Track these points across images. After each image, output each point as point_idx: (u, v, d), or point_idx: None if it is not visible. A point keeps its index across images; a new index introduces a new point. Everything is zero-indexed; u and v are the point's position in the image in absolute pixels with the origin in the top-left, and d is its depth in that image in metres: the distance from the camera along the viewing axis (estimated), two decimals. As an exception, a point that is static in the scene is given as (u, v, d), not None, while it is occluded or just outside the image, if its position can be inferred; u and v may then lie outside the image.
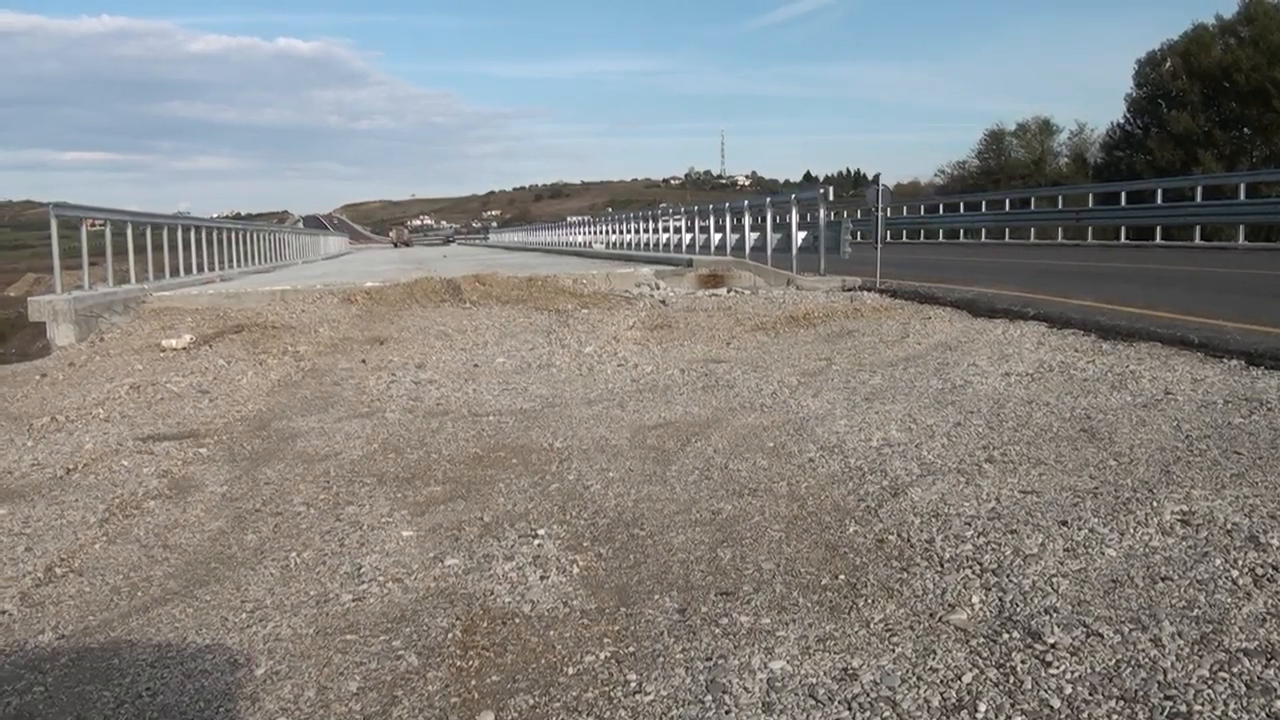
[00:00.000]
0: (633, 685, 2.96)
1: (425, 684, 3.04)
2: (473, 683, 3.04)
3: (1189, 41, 48.64)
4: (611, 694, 2.92)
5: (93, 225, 15.98)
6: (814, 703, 2.79)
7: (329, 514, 4.89)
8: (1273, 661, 2.86)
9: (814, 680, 2.91)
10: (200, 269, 21.03)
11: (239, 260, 26.39)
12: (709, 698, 2.85)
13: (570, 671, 3.08)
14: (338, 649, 3.33)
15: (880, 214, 15.35)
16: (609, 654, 3.18)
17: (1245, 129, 46.02)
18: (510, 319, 12.60)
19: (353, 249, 73.31)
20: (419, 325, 12.13)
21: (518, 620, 3.50)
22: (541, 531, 4.43)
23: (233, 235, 26.46)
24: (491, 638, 3.36)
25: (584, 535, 4.39)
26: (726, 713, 2.77)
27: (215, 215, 41.32)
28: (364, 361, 9.72)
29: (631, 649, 3.21)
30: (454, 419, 7.00)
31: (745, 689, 2.88)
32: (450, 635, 3.39)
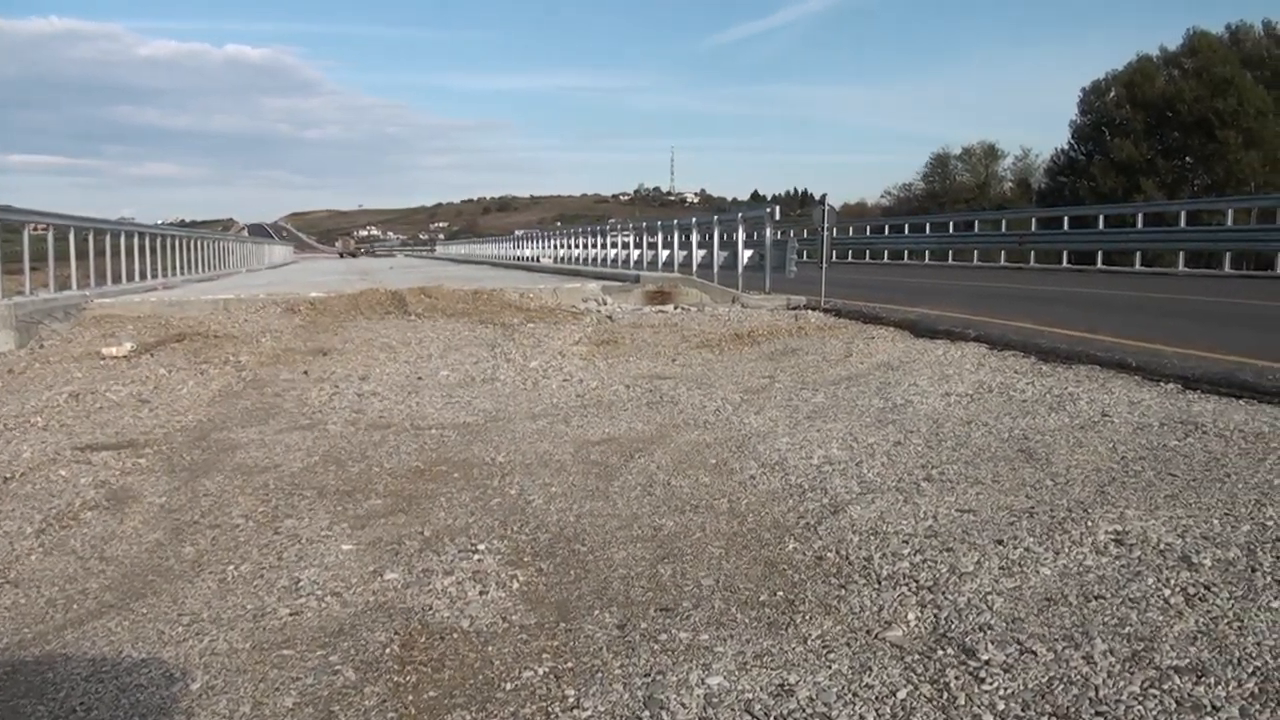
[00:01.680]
0: (570, 701, 2.96)
1: (362, 699, 3.03)
2: (410, 698, 3.03)
3: (1133, 72, 49.68)
4: (549, 710, 2.92)
5: (36, 229, 15.76)
6: (750, 719, 2.81)
7: (268, 527, 4.85)
8: (1203, 679, 2.92)
9: (750, 696, 2.93)
10: (144, 276, 20.81)
11: (183, 268, 26.15)
12: (646, 713, 2.86)
13: (508, 687, 3.08)
14: (274, 664, 3.30)
15: (825, 234, 15.49)
16: (547, 669, 3.19)
17: (1187, 158, 47.02)
18: (455, 332, 12.55)
19: (298, 258, 72.80)
20: (363, 337, 12.05)
21: (456, 635, 3.49)
22: (482, 546, 4.42)
23: (177, 243, 26.22)
24: (430, 653, 3.35)
25: (525, 550, 4.39)
26: (663, 728, 2.79)
27: (161, 222, 40.93)
28: (306, 373, 9.64)
29: (570, 664, 3.22)
30: (396, 432, 6.97)
31: (682, 705, 2.89)
32: (388, 650, 3.37)
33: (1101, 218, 30.89)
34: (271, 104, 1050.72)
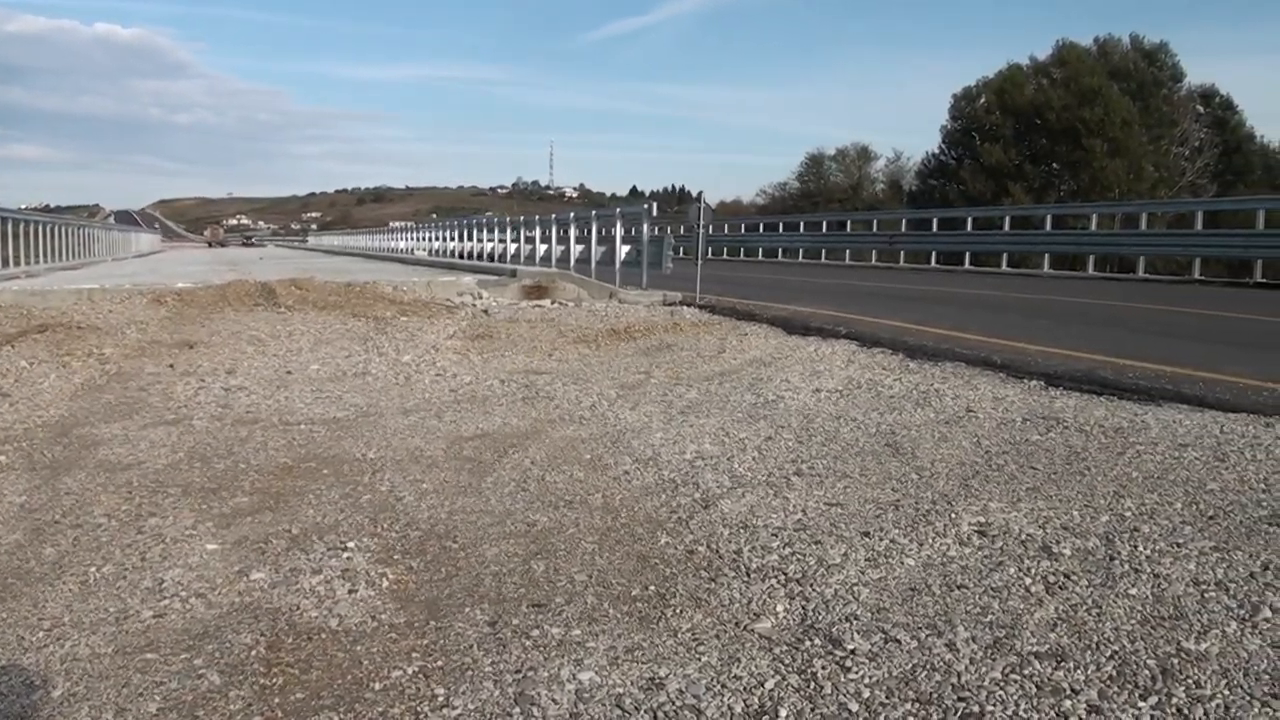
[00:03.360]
0: (440, 700, 2.93)
1: (227, 703, 2.95)
2: (276, 700, 2.96)
3: (1003, 79, 51.08)
4: (418, 709, 2.88)
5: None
6: (620, 713, 2.81)
7: (131, 526, 4.70)
8: (1062, 664, 3.02)
9: (621, 690, 2.94)
10: (4, 264, 20.01)
11: (47, 256, 25.22)
12: (517, 710, 2.84)
13: (377, 687, 3.03)
14: (138, 668, 3.20)
15: (701, 231, 15.60)
16: (417, 668, 3.15)
17: (1054, 164, 48.49)
18: (326, 325, 12.33)
19: (166, 247, 70.76)
20: (231, 330, 11.77)
21: (324, 635, 3.43)
22: (351, 544, 4.35)
23: (41, 229, 25.30)
24: (297, 654, 3.28)
25: (395, 548, 4.33)
26: (534, 725, 2.78)
27: (23, 207, 39.38)
28: (172, 366, 9.38)
29: (440, 663, 3.18)
30: (264, 428, 6.82)
31: (553, 700, 2.89)
32: (254, 652, 3.29)
33: (970, 220, 31.75)
34: (142, 86, 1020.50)
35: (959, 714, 2.76)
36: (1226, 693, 2.85)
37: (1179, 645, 3.16)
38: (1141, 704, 2.80)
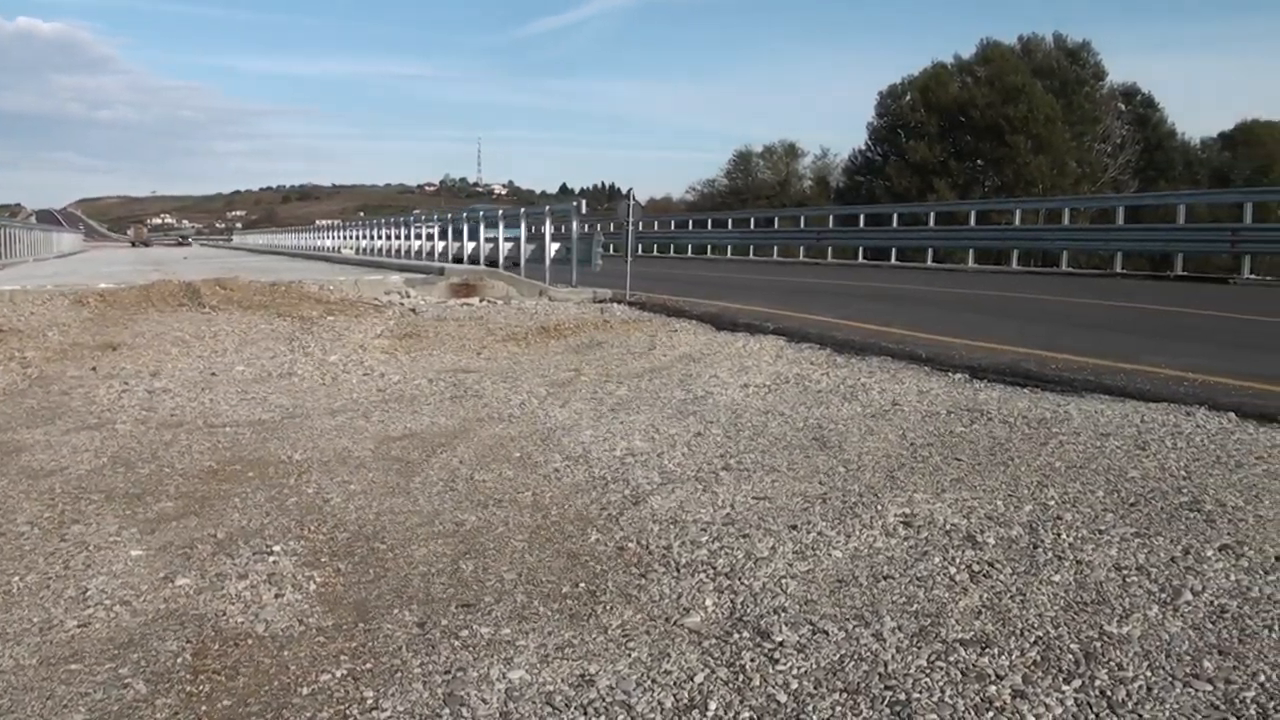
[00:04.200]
0: (369, 702, 2.90)
1: (154, 712, 2.90)
2: (203, 708, 2.92)
3: (928, 77, 51.72)
4: (347, 712, 2.86)
5: None
6: (551, 710, 2.81)
7: (54, 534, 4.60)
8: (986, 650, 3.08)
9: (552, 688, 2.93)
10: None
11: (-35, 257, 24.63)
12: (446, 711, 2.83)
13: (305, 692, 3.00)
14: (62, 680, 3.13)
15: (631, 228, 15.63)
16: (345, 672, 3.12)
17: (978, 161, 49.20)
18: (252, 325, 12.17)
19: (88, 247, 69.41)
20: (155, 331, 11.57)
21: (251, 641, 3.38)
22: (277, 548, 4.30)
23: (-42, 230, 24.71)
24: (223, 660, 3.23)
25: (322, 550, 4.29)
26: (463, 725, 2.76)
27: (-62, 208, 38.41)
28: (95, 369, 9.21)
29: (369, 665, 3.15)
30: (189, 431, 6.72)
31: (483, 700, 2.87)
32: (180, 660, 3.24)
33: (896, 216, 32.13)
34: (63, 82, 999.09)
35: (886, 703, 2.79)
36: (1149, 674, 2.92)
37: (1102, 629, 3.22)
38: (1065, 687, 2.86)
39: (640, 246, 36.85)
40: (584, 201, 18.08)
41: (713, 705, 2.81)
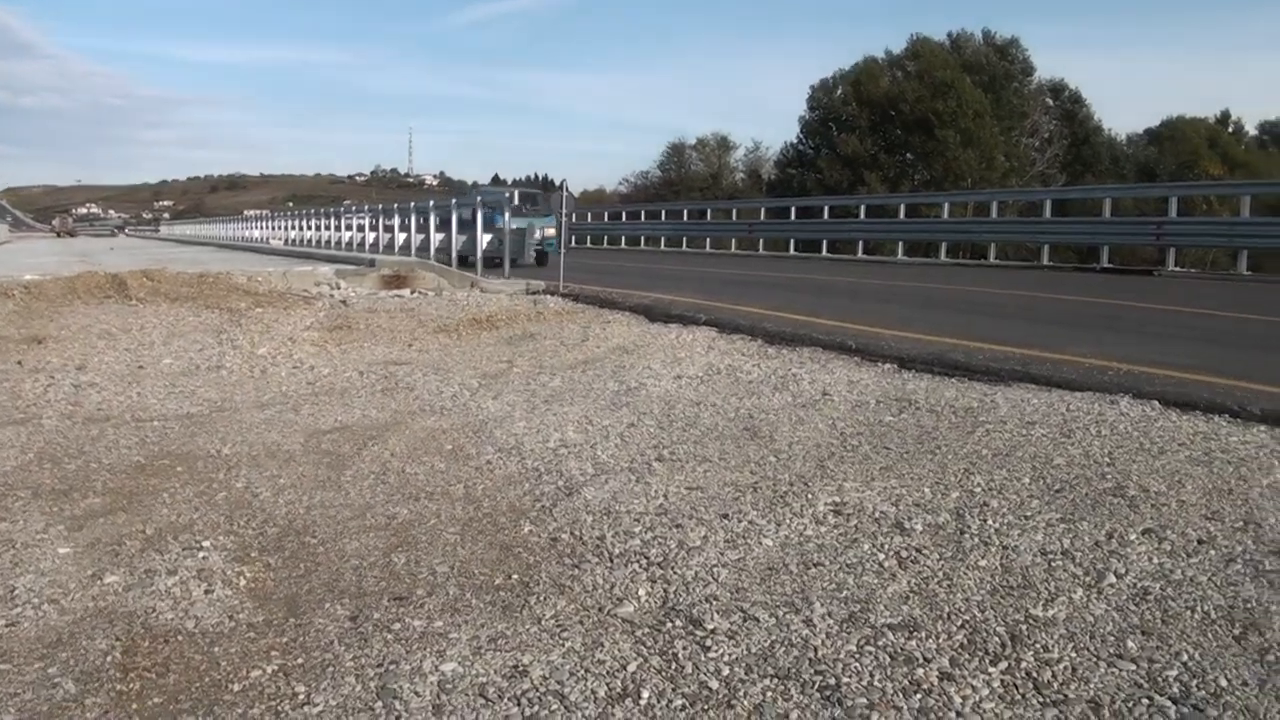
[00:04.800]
0: (301, 698, 2.89)
1: (84, 712, 2.87)
2: (134, 707, 2.89)
3: (859, 71, 52.07)
4: (279, 708, 2.84)
5: None
6: (484, 702, 2.82)
7: (-23, 532, 4.52)
8: (914, 635, 3.14)
9: (485, 680, 2.94)
10: None
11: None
12: (379, 704, 2.82)
13: (236, 688, 2.98)
14: (-12, 680, 3.09)
15: (563, 219, 15.58)
16: (276, 667, 3.10)
17: (908, 154, 49.59)
18: (179, 318, 12.00)
19: (12, 238, 67.82)
20: (81, 323, 11.36)
21: (181, 638, 3.35)
22: (207, 543, 4.25)
23: None
24: (153, 658, 3.20)
25: (252, 545, 4.25)
26: (396, 718, 2.76)
27: None
28: (20, 363, 9.02)
29: (300, 660, 3.14)
30: (116, 425, 6.61)
31: (416, 693, 2.87)
32: (109, 658, 3.20)
33: (826, 209, 32.38)
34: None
35: (816, 687, 2.84)
36: (1074, 655, 3.00)
37: (1027, 613, 3.30)
38: (992, 669, 2.92)
39: (574, 238, 36.80)
40: (516, 191, 17.99)
41: (645, 693, 2.84)
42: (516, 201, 19.03)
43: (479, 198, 18.76)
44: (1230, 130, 63.85)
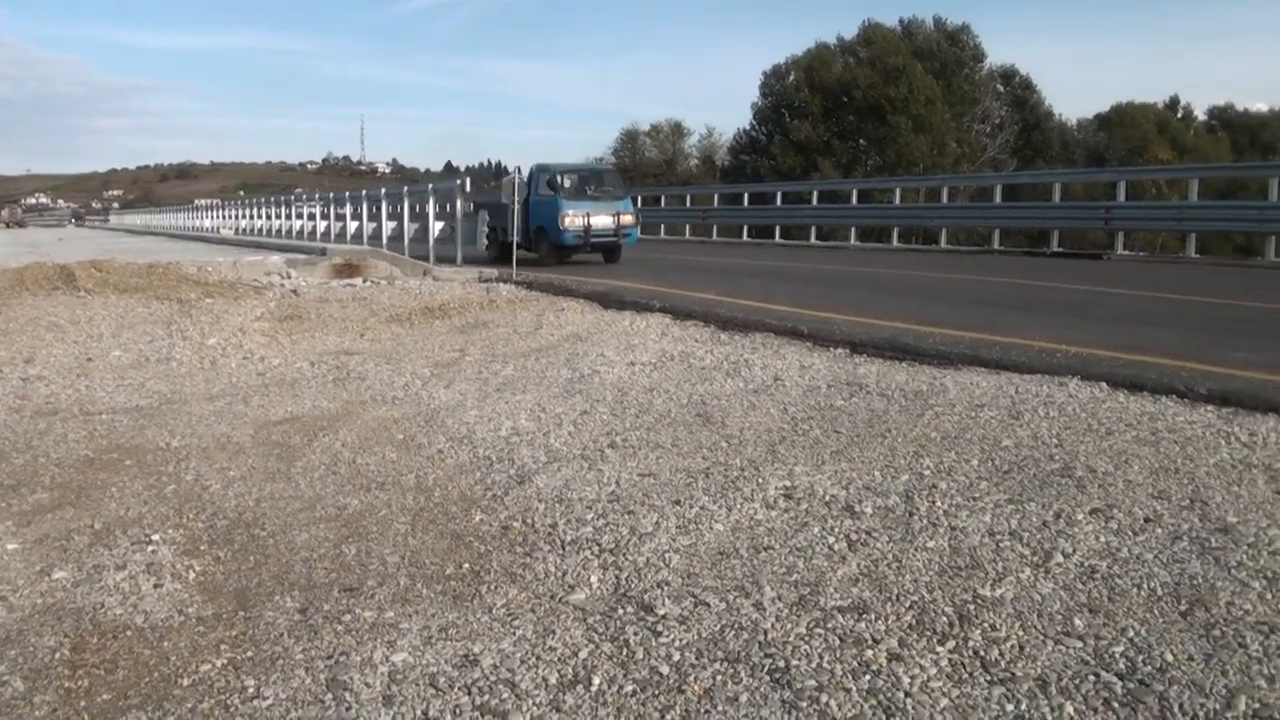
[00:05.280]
0: (250, 691, 2.88)
1: (32, 710, 2.85)
2: (82, 704, 2.87)
3: (812, 58, 52.13)
4: (228, 702, 2.83)
5: None
6: (434, 691, 2.82)
7: (-78, 529, 4.46)
8: (863, 616, 3.17)
9: (435, 669, 2.94)
10: None
11: None
12: (329, 696, 2.82)
13: (185, 683, 2.97)
14: (-66, 679, 3.05)
15: (516, 206, 15.52)
16: (226, 661, 3.09)
17: (861, 140, 49.72)
18: (129, 309, 11.85)
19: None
20: (28, 315, 11.20)
21: (130, 633, 3.33)
22: (156, 537, 4.22)
23: None
24: (102, 654, 3.18)
25: (201, 539, 4.22)
26: (347, 709, 2.76)
27: None
28: (-38, 358, 8.90)
29: (250, 654, 3.13)
30: (64, 419, 6.54)
31: (366, 684, 2.87)
32: (58, 655, 3.18)
33: (779, 195, 32.43)
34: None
35: (765, 670, 2.86)
36: (1021, 633, 3.04)
37: (975, 593, 3.34)
38: (940, 649, 2.96)
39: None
40: (468, 179, 17.88)
41: (596, 679, 2.85)
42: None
43: (431, 185, 18.65)
44: (1179, 116, 64.50)
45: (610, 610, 3.30)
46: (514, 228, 15.52)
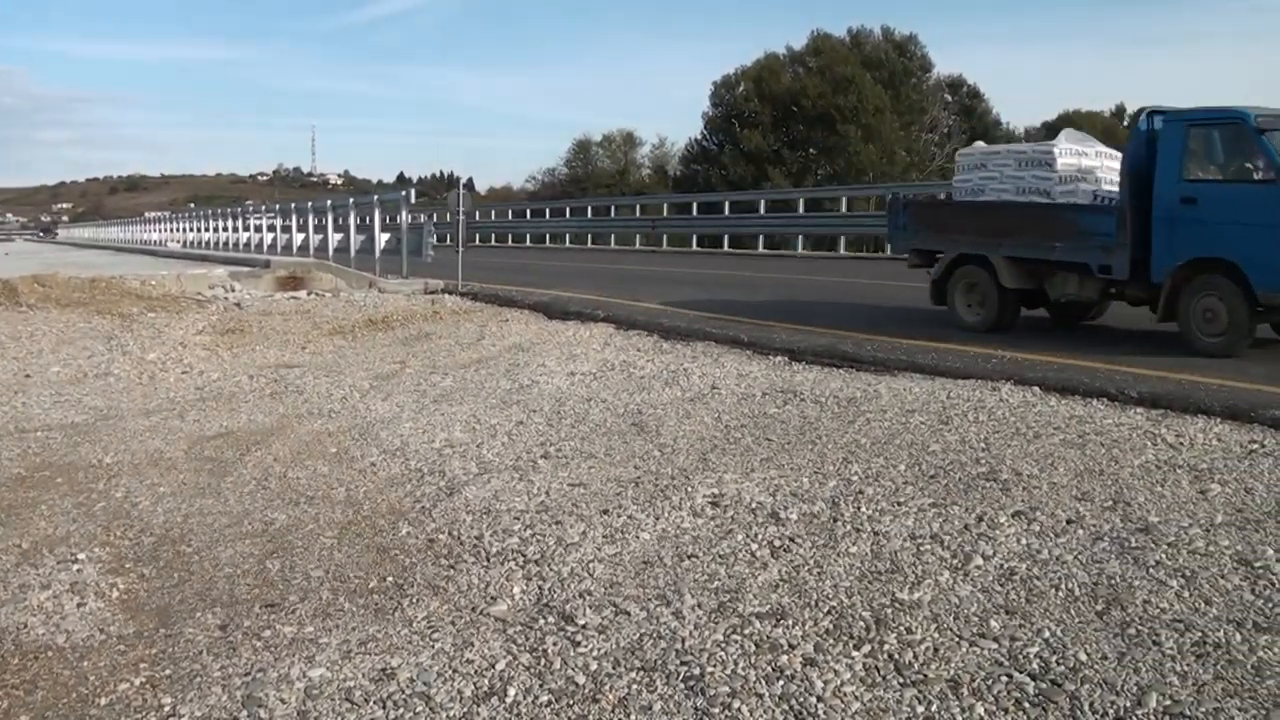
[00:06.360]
0: (166, 709, 2.89)
1: (-53, 735, 2.83)
2: (-2, 725, 2.86)
3: (761, 68, 52.33)
4: (144, 720, 2.83)
5: None
6: (349, 706, 2.83)
7: None
8: (782, 622, 3.21)
9: (352, 684, 2.95)
10: None
11: None
12: (244, 713, 2.83)
13: (103, 702, 2.96)
14: None
15: (461, 217, 15.50)
16: (144, 679, 3.09)
17: (811, 149, 49.94)
18: (70, 324, 11.73)
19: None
20: (-34, 333, 11.06)
21: (51, 653, 3.32)
22: (82, 555, 4.20)
23: None
24: (22, 675, 3.16)
25: (127, 556, 4.21)
26: (261, 726, 2.76)
27: None
28: (-104, 376, 8.77)
29: (168, 671, 3.13)
30: (-3, 437, 6.47)
31: (282, 700, 2.88)
32: (-23, 678, 3.16)
33: (728, 204, 32.53)
34: None
35: (681, 678, 2.90)
36: (936, 636, 3.09)
37: (894, 596, 3.39)
38: (855, 653, 3.01)
39: (477, 236, 36.60)
40: (413, 190, 17.81)
41: (512, 691, 2.87)
42: (414, 200, 18.60)
43: (376, 197, 18.55)
44: (1125, 124, 65.37)
45: (531, 621, 3.32)
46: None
